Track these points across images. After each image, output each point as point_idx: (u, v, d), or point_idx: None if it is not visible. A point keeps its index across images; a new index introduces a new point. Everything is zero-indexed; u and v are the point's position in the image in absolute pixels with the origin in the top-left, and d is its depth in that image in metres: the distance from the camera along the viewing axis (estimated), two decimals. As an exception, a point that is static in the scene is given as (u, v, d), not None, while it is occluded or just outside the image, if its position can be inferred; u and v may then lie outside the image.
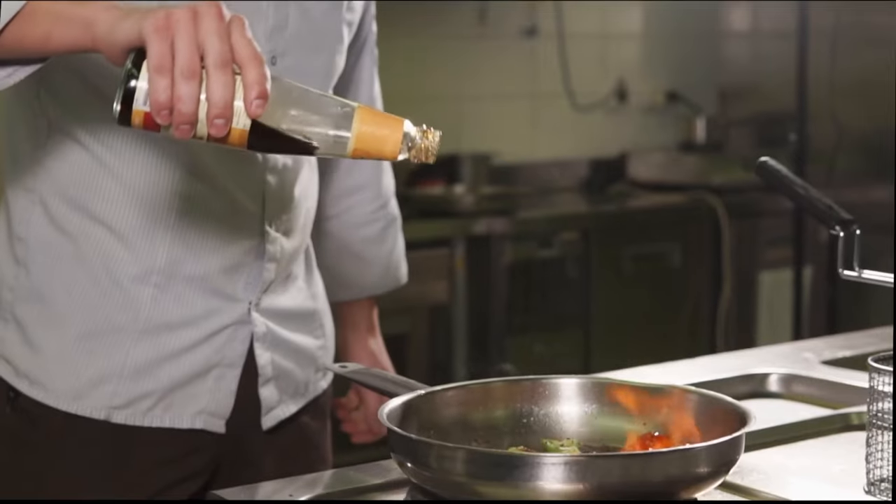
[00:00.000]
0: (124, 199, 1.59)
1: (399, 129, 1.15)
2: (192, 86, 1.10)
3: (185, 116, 1.10)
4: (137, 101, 1.11)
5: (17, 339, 1.63)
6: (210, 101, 1.11)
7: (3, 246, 1.66)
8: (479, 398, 1.29)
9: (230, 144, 1.14)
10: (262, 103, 1.11)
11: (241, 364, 1.66)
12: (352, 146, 1.14)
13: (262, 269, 1.66)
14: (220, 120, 1.11)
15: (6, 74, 1.27)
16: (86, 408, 1.60)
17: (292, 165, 1.69)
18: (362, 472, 1.31)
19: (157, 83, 1.10)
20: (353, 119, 1.14)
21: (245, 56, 1.12)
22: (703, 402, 1.26)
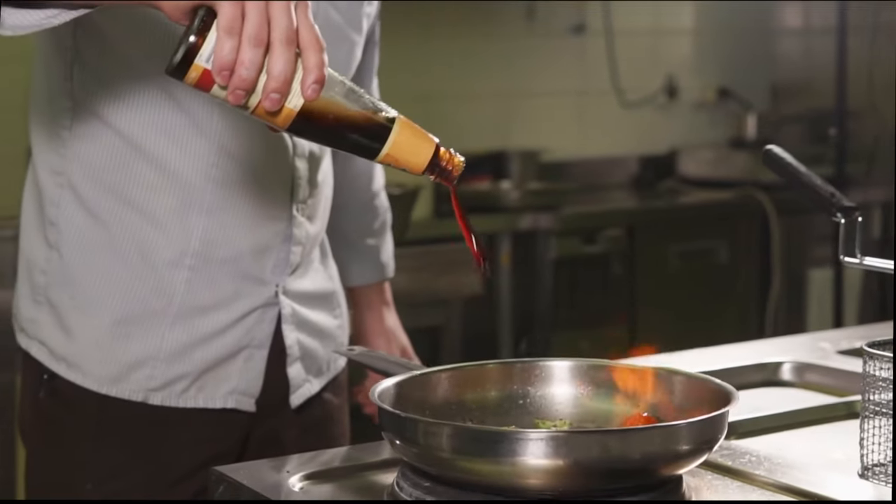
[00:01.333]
0: (159, 184, 1.63)
1: (431, 147, 1.20)
2: (257, 53, 1.11)
3: (244, 82, 1.12)
4: (201, 56, 1.12)
5: (51, 322, 1.66)
6: (271, 73, 1.12)
7: (35, 229, 1.69)
8: (474, 380, 1.31)
9: (272, 121, 1.16)
10: (318, 88, 1.14)
11: (268, 344, 1.71)
12: (384, 152, 1.18)
13: (289, 253, 1.70)
14: (277, 94, 1.13)
15: (49, 15, 1.26)
16: (124, 390, 1.65)
17: (318, 153, 1.73)
18: (358, 451, 1.34)
19: (225, 43, 1.11)
20: (393, 126, 1.17)
21: (309, 39, 1.14)
22: (693, 384, 1.28)
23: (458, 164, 1.22)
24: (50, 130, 1.67)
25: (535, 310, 4.22)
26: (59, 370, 1.66)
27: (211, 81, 1.13)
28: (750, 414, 1.52)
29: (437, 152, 1.20)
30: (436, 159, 1.20)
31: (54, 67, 1.66)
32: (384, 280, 2.05)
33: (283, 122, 1.16)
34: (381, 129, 1.18)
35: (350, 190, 1.97)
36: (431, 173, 1.21)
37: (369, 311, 2.03)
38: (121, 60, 1.62)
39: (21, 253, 1.73)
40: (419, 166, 1.20)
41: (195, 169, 1.63)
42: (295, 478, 1.26)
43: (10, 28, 1.28)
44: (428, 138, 1.20)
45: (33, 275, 1.69)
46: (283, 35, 1.12)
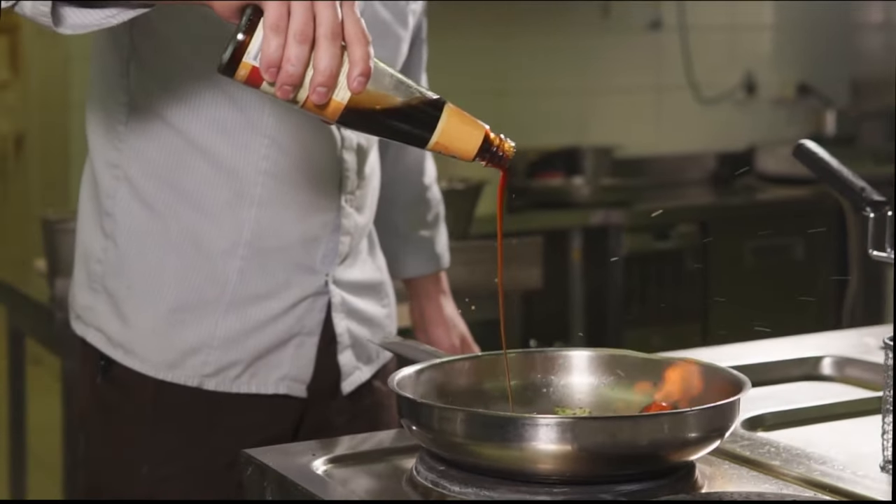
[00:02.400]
0: (212, 177, 1.67)
1: (481, 133, 1.21)
2: (303, 49, 1.14)
3: (290, 77, 1.15)
4: (249, 54, 1.16)
5: (108, 309, 1.71)
6: (317, 68, 1.15)
7: (91, 219, 1.74)
8: (496, 368, 1.34)
9: (322, 114, 1.19)
10: (364, 81, 1.16)
11: (318, 332, 1.75)
12: (434, 139, 1.20)
13: (338, 243, 1.73)
14: (323, 88, 1.16)
15: (109, 15, 1.30)
16: (179, 376, 1.69)
17: (365, 146, 1.77)
18: (384, 437, 1.38)
19: (271, 41, 1.14)
20: (441, 114, 1.19)
21: (354, 33, 1.17)
22: (709, 374, 1.29)
23: (509, 149, 1.23)
24: (107, 125, 1.71)
25: (606, 306, 4.23)
26: (116, 356, 1.70)
27: (259, 78, 1.17)
28: (780, 407, 1.53)
29: (486, 138, 1.21)
30: (486, 145, 1.21)
31: (111, 64, 1.71)
32: (440, 270, 2.08)
33: (332, 114, 1.19)
34: (430, 118, 1.19)
35: (402, 183, 2.00)
36: (482, 159, 1.22)
37: (427, 301, 2.06)
38: (175, 57, 1.66)
39: (78, 243, 1.78)
40: (469, 153, 1.21)
41: (247, 162, 1.66)
42: (319, 461, 1.29)
43: (71, 27, 1.31)
44: (477, 124, 1.21)
45: (90, 264, 1.74)
46: (328, 30, 1.15)
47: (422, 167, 2.06)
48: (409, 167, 2.03)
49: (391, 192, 1.91)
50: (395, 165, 1.95)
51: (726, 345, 1.89)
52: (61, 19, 1.31)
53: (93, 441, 1.78)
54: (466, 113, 1.22)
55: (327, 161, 1.71)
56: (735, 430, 1.38)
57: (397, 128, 1.20)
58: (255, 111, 1.65)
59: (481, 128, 1.21)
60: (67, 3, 1.30)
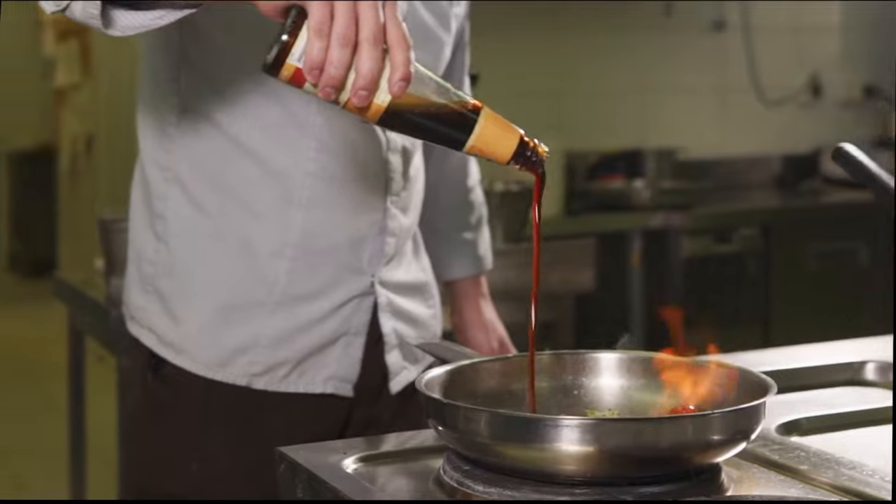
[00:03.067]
0: (260, 179, 1.69)
1: (516, 137, 1.24)
2: (345, 52, 1.16)
3: (333, 80, 1.17)
4: (293, 55, 1.18)
5: (159, 309, 1.74)
6: (359, 71, 1.17)
7: (143, 221, 1.77)
8: (525, 370, 1.34)
9: (362, 116, 1.22)
10: (404, 85, 1.18)
11: (365, 332, 1.76)
12: (471, 142, 1.23)
13: (384, 244, 1.75)
14: (364, 91, 1.18)
15: (157, 16, 1.33)
16: (229, 375, 1.71)
17: (410, 148, 1.78)
18: (416, 436, 1.38)
19: (315, 43, 1.16)
20: (478, 117, 1.22)
21: (396, 37, 1.19)
22: (737, 377, 1.29)
23: (543, 153, 1.25)
24: (157, 128, 1.74)
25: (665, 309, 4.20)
26: (167, 355, 1.73)
27: (302, 79, 1.19)
28: (818, 411, 1.52)
29: (521, 142, 1.24)
30: (521, 149, 1.24)
31: (162, 67, 1.73)
32: (482, 273, 2.09)
33: (373, 116, 1.21)
34: (467, 122, 1.22)
35: (446, 186, 2.01)
36: (517, 163, 1.25)
37: (467, 303, 2.07)
38: (224, 60, 1.68)
39: (130, 244, 1.81)
40: (505, 156, 1.24)
41: (295, 164, 1.68)
42: (350, 459, 1.30)
43: (121, 29, 1.34)
44: (512, 129, 1.24)
45: (142, 265, 1.76)
46: (370, 34, 1.17)
47: (466, 170, 2.07)
48: (452, 170, 2.04)
49: (435, 195, 1.92)
50: (439, 168, 1.96)
51: (774, 348, 1.88)
52: (111, 21, 1.33)
53: (143, 439, 1.81)
54: (503, 118, 1.24)
55: (373, 163, 1.73)
56: (767, 434, 1.38)
57: (435, 130, 1.23)
58: (302, 114, 1.67)
59: (516, 132, 1.24)
60: (117, 5, 1.32)
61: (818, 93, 5.11)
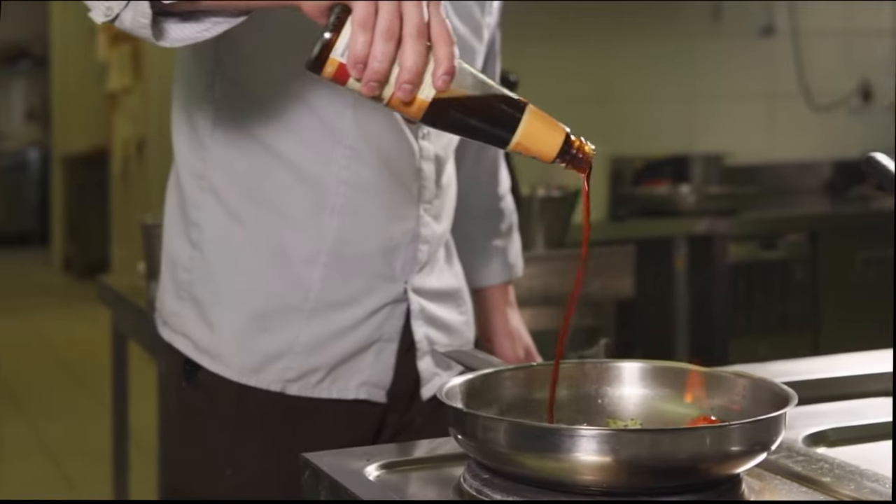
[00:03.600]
0: (294, 187, 1.70)
1: (562, 134, 1.22)
2: (389, 46, 1.17)
3: (376, 74, 1.18)
4: (336, 51, 1.19)
5: (194, 316, 1.75)
6: (403, 65, 1.18)
7: (178, 229, 1.78)
8: (548, 378, 1.34)
9: (406, 112, 1.22)
10: (448, 79, 1.19)
11: (397, 339, 1.77)
12: (515, 140, 1.22)
13: (417, 251, 1.76)
14: (409, 85, 1.18)
15: (205, 27, 1.34)
16: (263, 381, 1.72)
17: (443, 156, 1.79)
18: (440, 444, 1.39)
19: (359, 37, 1.17)
20: (523, 115, 1.21)
21: (439, 33, 1.19)
22: (758, 387, 1.28)
23: (590, 152, 1.23)
24: (192, 137, 1.75)
25: (711, 315, 4.19)
26: (202, 361, 1.74)
27: (346, 75, 1.19)
28: (848, 422, 1.51)
29: (567, 140, 1.22)
30: (566, 147, 1.22)
31: (196, 76, 1.74)
32: (511, 281, 2.09)
33: (417, 112, 1.21)
34: (512, 119, 1.21)
35: (476, 193, 2.01)
36: (562, 161, 1.23)
37: (495, 311, 2.07)
38: (258, 70, 1.69)
39: (165, 251, 1.82)
40: (550, 154, 1.22)
41: (328, 172, 1.69)
42: (373, 466, 1.31)
43: (171, 41, 1.35)
44: (558, 126, 1.22)
45: (177, 272, 1.78)
46: (414, 29, 1.18)
47: (496, 177, 2.07)
48: (483, 177, 2.04)
49: (465, 202, 1.92)
50: (469, 175, 1.96)
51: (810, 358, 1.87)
52: (164, 33, 1.35)
53: (176, 444, 1.82)
54: (548, 115, 1.23)
55: (406, 171, 1.73)
56: (792, 445, 1.37)
57: (480, 127, 1.22)
58: (336, 122, 1.68)
59: (562, 130, 1.23)
60: (168, 17, 1.34)
61: (868, 98, 5.06)
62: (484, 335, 2.06)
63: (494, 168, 2.07)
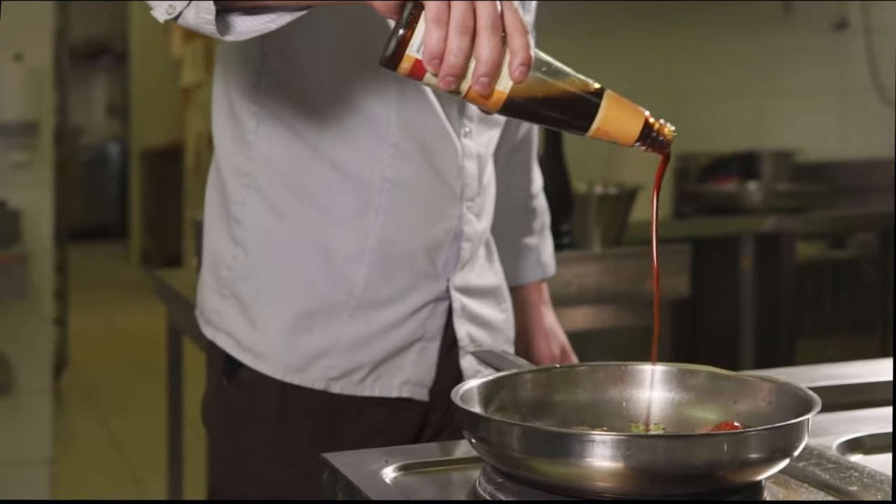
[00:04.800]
0: (338, 185, 1.69)
1: (641, 118, 1.23)
2: (464, 40, 1.18)
3: (453, 68, 1.18)
4: (411, 47, 1.19)
5: (237, 314, 1.74)
6: (479, 58, 1.18)
7: (221, 226, 1.78)
8: (568, 381, 1.32)
9: (484, 105, 1.22)
10: (525, 70, 1.19)
11: (440, 337, 1.76)
12: (595, 126, 1.22)
13: (460, 249, 1.75)
14: (486, 78, 1.19)
15: (268, 20, 1.35)
16: (306, 379, 1.72)
17: (484, 153, 1.78)
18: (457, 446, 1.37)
19: (434, 33, 1.18)
20: (602, 100, 1.21)
21: (513, 24, 1.20)
22: (783, 392, 1.25)
23: (670, 134, 1.24)
24: (235, 134, 1.74)
25: (777, 315, 4.12)
26: (245, 360, 1.73)
27: (422, 70, 1.20)
28: (886, 429, 1.46)
29: (647, 123, 1.22)
30: (646, 130, 1.22)
31: (241, 73, 1.74)
32: (545, 279, 2.07)
33: (495, 104, 1.22)
34: (591, 105, 1.21)
35: (509, 193, 2.00)
36: (643, 144, 1.23)
37: (530, 310, 2.06)
38: (302, 67, 1.68)
39: (206, 249, 1.82)
40: (630, 138, 1.23)
41: (372, 170, 1.68)
42: (390, 468, 1.30)
43: (237, 34, 1.36)
44: (637, 110, 1.23)
45: (219, 269, 1.77)
46: (488, 21, 1.18)
47: (529, 175, 2.06)
48: (516, 175, 2.03)
49: (498, 200, 1.90)
50: (502, 174, 1.94)
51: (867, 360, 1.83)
52: (229, 27, 1.35)
53: (218, 443, 1.82)
54: (626, 99, 1.23)
55: (449, 169, 1.72)
56: (824, 452, 1.33)
57: (559, 115, 1.23)
58: (380, 121, 1.67)
59: (641, 113, 1.23)
60: (232, 12, 1.34)
61: (945, 94, 4.95)
62: (519, 334, 2.03)
63: (528, 166, 2.06)
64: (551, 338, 2.05)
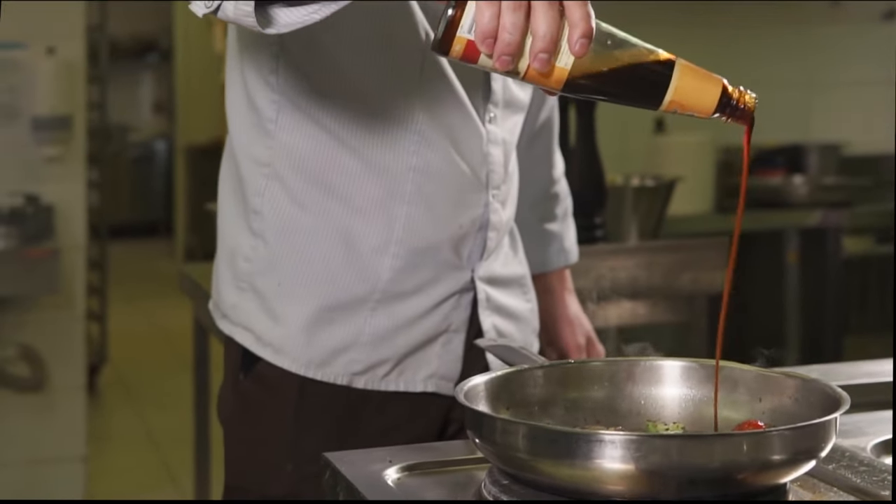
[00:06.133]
0: (361, 174, 1.64)
1: (718, 86, 1.13)
2: (518, 16, 1.10)
3: (508, 46, 1.11)
4: (462, 28, 1.12)
5: (255, 308, 1.69)
6: (536, 34, 1.10)
7: (238, 218, 1.72)
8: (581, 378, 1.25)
9: (545, 83, 1.14)
10: (586, 42, 1.11)
11: (465, 329, 1.70)
12: (668, 99, 1.13)
13: (486, 238, 1.69)
14: (545, 54, 1.11)
15: (313, 10, 1.29)
16: (329, 374, 1.66)
17: (509, 139, 1.72)
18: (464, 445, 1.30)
19: (485, 11, 1.10)
20: (674, 71, 1.13)
21: None
22: (810, 389, 1.17)
23: (751, 101, 1.15)
24: (254, 123, 1.69)
25: (823, 311, 4.02)
26: (264, 355, 1.68)
27: (476, 52, 1.12)
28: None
29: (724, 91, 1.13)
30: (725, 98, 1.13)
31: (260, 61, 1.69)
32: (567, 266, 2.00)
33: (557, 82, 1.13)
34: (662, 77, 1.13)
35: (531, 177, 1.94)
36: (722, 114, 1.15)
37: (553, 298, 1.99)
38: (323, 55, 1.64)
39: (221, 241, 1.77)
40: (708, 108, 1.14)
41: (396, 158, 1.63)
42: (393, 469, 1.23)
43: (279, 27, 1.30)
44: (713, 78, 1.14)
45: (236, 262, 1.72)
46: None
47: (551, 160, 1.99)
48: (538, 160, 1.96)
49: (519, 186, 1.84)
50: (523, 159, 1.88)
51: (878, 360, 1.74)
52: (271, 19, 1.29)
53: (234, 440, 1.77)
54: (700, 68, 1.14)
55: (474, 156, 1.67)
56: (856, 454, 1.26)
57: (627, 91, 1.14)
58: (403, 108, 1.62)
59: (718, 81, 1.14)
60: (274, 3, 1.29)
61: None
62: (542, 323, 1.97)
63: (549, 151, 1.99)
64: (576, 326, 1.99)
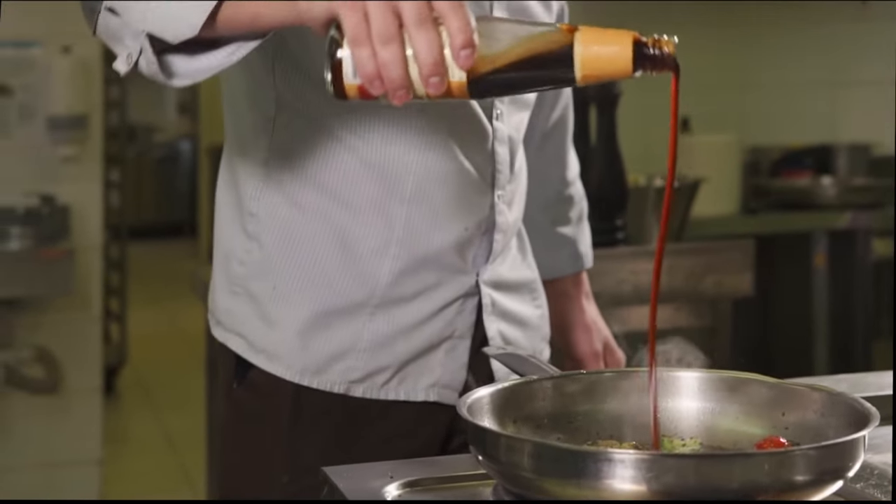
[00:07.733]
0: (361, 174, 1.58)
1: (628, 42, 1.07)
2: (392, 50, 1.07)
3: (395, 81, 1.08)
4: (347, 75, 1.09)
5: (249, 312, 1.63)
6: (419, 60, 1.07)
7: (232, 220, 1.67)
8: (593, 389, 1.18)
9: (454, 97, 1.10)
10: (469, 52, 1.06)
11: (470, 336, 1.64)
12: (580, 74, 1.07)
13: (492, 241, 1.64)
14: (435, 78, 1.07)
15: (229, 53, 1.29)
16: (326, 382, 1.60)
17: (515, 137, 1.66)
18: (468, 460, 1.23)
19: (359, 54, 1.08)
20: (574, 44, 1.07)
21: (443, 6, 1.07)
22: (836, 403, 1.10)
23: (669, 44, 1.08)
24: (251, 123, 1.65)
25: (852, 316, 3.95)
26: (257, 362, 1.63)
27: (370, 93, 1.09)
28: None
29: (637, 44, 1.07)
30: (640, 52, 1.06)
31: (256, 61, 1.64)
32: (582, 270, 1.94)
33: (460, 94, 1.09)
34: (563, 55, 1.07)
35: (543, 179, 1.88)
36: (644, 68, 1.08)
37: (569, 303, 1.92)
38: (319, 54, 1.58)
39: (216, 244, 1.72)
40: (625, 69, 1.07)
41: (396, 158, 1.57)
42: (394, 485, 1.17)
43: (182, 77, 1.28)
44: (620, 34, 1.07)
45: (231, 265, 1.67)
46: (413, 17, 1.06)
47: (564, 160, 1.93)
48: (549, 161, 1.90)
49: (531, 189, 1.78)
50: (534, 160, 1.82)
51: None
52: (170, 71, 1.27)
53: (229, 449, 1.72)
54: (604, 29, 1.07)
55: (479, 155, 1.61)
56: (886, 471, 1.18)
57: (536, 78, 1.09)
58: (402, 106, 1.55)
59: (627, 37, 1.07)
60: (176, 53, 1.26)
61: None
62: (558, 330, 1.90)
63: (562, 151, 1.92)
64: (593, 332, 1.92)
